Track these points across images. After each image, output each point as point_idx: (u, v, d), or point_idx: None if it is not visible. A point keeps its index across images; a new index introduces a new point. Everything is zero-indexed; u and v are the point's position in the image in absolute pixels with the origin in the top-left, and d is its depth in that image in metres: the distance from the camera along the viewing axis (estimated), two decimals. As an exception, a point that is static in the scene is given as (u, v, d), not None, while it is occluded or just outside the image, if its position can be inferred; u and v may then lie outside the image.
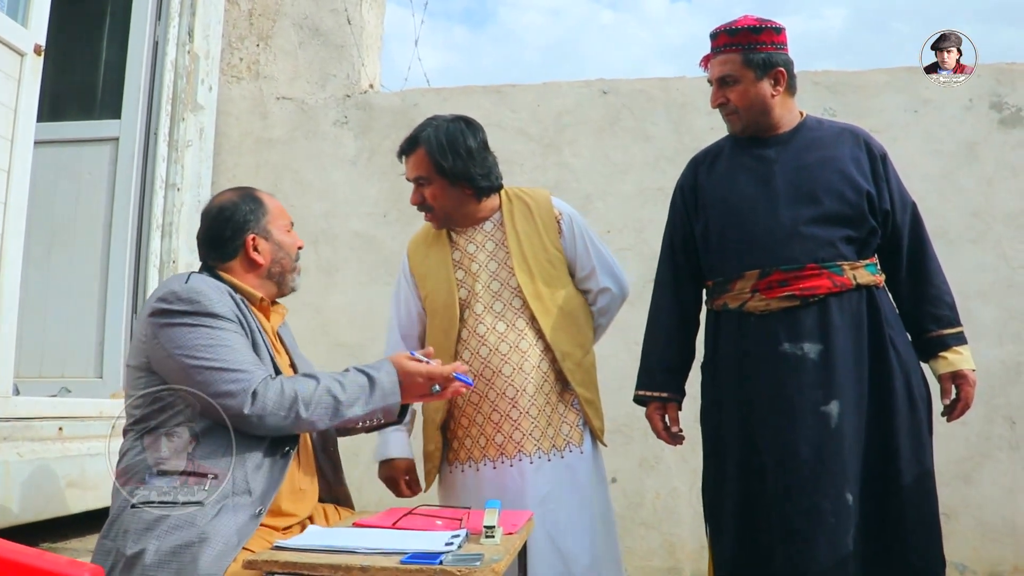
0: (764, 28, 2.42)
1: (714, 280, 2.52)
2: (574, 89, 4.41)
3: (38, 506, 3.02)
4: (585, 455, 2.59)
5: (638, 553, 3.92)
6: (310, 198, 4.52)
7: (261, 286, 2.21)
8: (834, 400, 2.28)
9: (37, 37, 3.24)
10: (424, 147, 2.61)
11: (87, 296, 3.91)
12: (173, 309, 1.97)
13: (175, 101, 4.22)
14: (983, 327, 3.89)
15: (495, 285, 2.58)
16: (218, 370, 1.91)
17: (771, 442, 2.32)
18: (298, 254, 2.28)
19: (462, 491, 2.55)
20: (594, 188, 4.26)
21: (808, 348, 2.31)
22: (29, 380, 3.64)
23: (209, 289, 2.02)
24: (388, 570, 1.63)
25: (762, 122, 2.46)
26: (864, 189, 2.38)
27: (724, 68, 2.44)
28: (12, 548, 1.59)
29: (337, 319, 4.38)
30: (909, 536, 2.28)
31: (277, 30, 4.71)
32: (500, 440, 2.51)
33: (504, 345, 2.53)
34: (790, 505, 2.26)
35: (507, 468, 2.50)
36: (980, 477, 3.85)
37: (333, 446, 2.32)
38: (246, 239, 2.18)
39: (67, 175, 4.12)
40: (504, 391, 2.51)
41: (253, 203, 2.22)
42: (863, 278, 2.36)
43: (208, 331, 1.95)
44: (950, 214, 3.99)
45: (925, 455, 2.35)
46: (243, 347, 1.98)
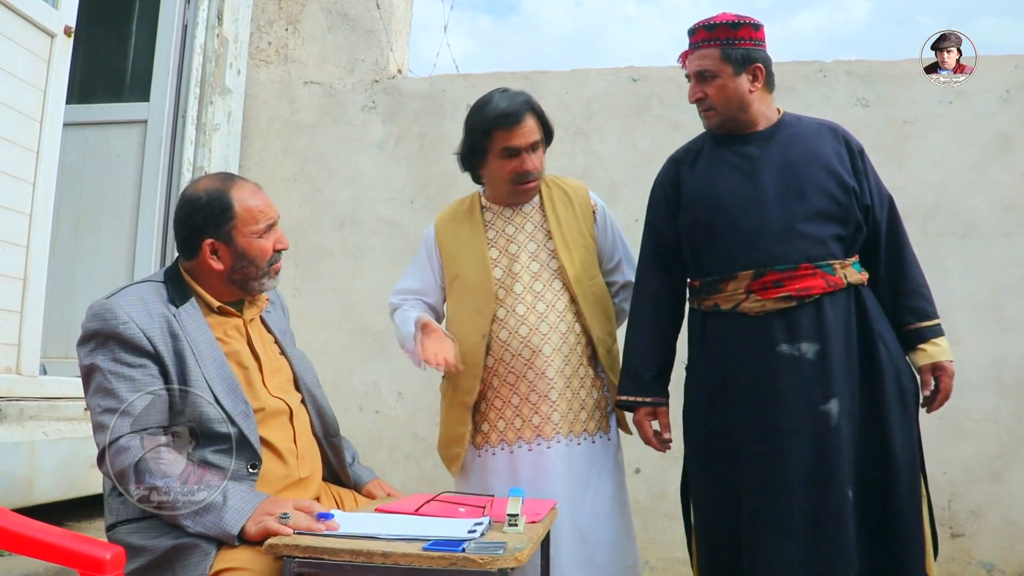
0: (743, 24, 2.40)
1: (701, 280, 2.47)
2: (603, 77, 4.36)
3: (64, 485, 3.05)
4: (611, 442, 2.61)
5: (661, 544, 3.89)
6: (337, 183, 4.52)
7: (224, 289, 2.11)
8: (833, 398, 2.27)
9: (67, 18, 3.26)
10: (536, 112, 2.57)
11: (114, 278, 3.93)
12: (84, 327, 1.95)
13: (203, 84, 4.23)
14: (1014, 322, 3.83)
15: (535, 266, 2.57)
16: (95, 423, 1.90)
17: (768, 441, 2.29)
18: (274, 257, 2.13)
19: (493, 475, 2.52)
20: (621, 177, 4.22)
21: (805, 348, 2.29)
22: (56, 360, 3.68)
23: (128, 306, 1.95)
24: (410, 556, 1.62)
25: (740, 118, 2.44)
26: (850, 186, 2.37)
27: (702, 63, 2.42)
28: (37, 527, 1.59)
29: (362, 304, 4.38)
30: (905, 533, 2.28)
31: (306, 14, 4.70)
32: (537, 421, 2.48)
33: (544, 325, 2.51)
34: (791, 502, 2.23)
35: (544, 450, 2.48)
36: (1009, 475, 3.79)
37: (335, 433, 2.30)
38: (203, 244, 2.06)
39: (95, 157, 4.14)
40: (544, 371, 2.49)
41: (220, 205, 2.05)
42: (852, 277, 2.36)
43: (99, 370, 1.91)
44: (982, 207, 3.93)
45: (915, 450, 2.36)
46: (123, 390, 1.89)
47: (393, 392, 4.30)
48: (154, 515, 1.86)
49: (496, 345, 2.52)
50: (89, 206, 4.12)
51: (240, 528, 1.79)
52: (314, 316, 4.30)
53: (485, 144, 2.55)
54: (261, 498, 1.86)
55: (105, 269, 4.05)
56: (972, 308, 3.85)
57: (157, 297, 2.02)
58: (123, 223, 4.10)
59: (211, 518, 1.81)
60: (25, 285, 3.12)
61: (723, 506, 2.37)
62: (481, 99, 2.60)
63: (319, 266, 4.44)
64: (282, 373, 2.20)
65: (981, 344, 3.81)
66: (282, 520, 1.78)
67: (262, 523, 1.79)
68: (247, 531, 1.79)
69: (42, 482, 2.94)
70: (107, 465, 1.86)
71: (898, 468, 2.28)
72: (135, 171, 4.12)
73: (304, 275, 4.39)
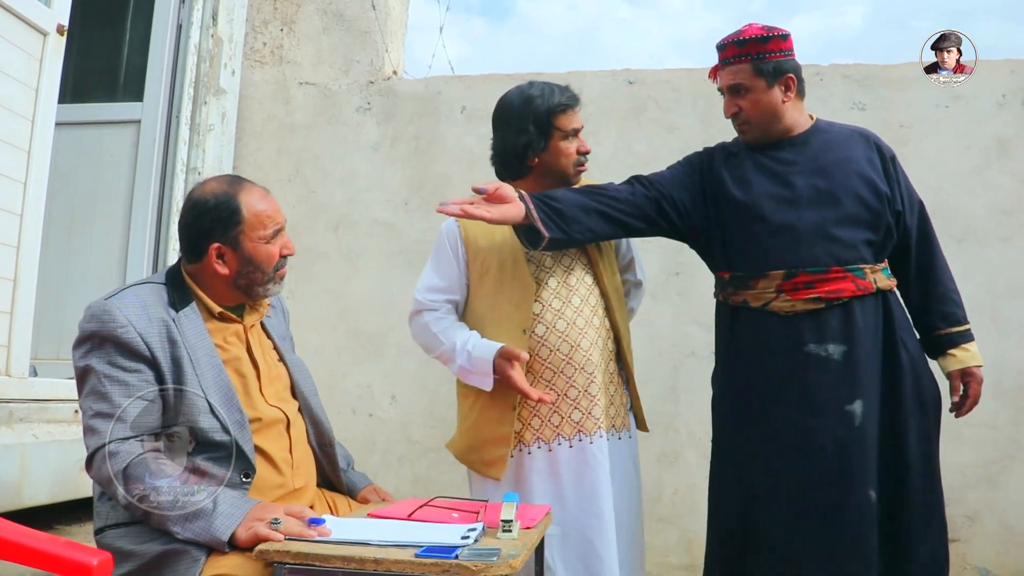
0: (771, 37, 2.42)
1: (732, 273, 2.48)
2: (599, 79, 4.35)
3: (53, 489, 3.03)
4: (632, 439, 2.61)
5: (656, 549, 3.87)
6: (331, 184, 4.50)
7: (227, 293, 2.08)
8: (858, 399, 2.29)
9: (60, 17, 3.24)
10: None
11: (106, 279, 3.91)
12: (81, 328, 1.92)
13: (198, 84, 4.21)
14: (1013, 327, 3.82)
15: (567, 260, 2.54)
16: (87, 426, 1.87)
17: (791, 439, 2.31)
18: (281, 263, 2.09)
19: (533, 475, 2.46)
20: (618, 179, 4.18)
21: (832, 349, 2.32)
22: (47, 362, 3.65)
23: (127, 309, 1.92)
24: (402, 563, 1.60)
25: (774, 129, 2.46)
26: (883, 191, 2.40)
27: (735, 78, 2.43)
28: (22, 531, 1.57)
29: (356, 306, 4.36)
30: (919, 536, 2.31)
31: (301, 15, 4.68)
32: (578, 417, 2.45)
33: (580, 319, 2.49)
34: (813, 501, 2.26)
35: (587, 445, 2.44)
36: (1006, 480, 3.78)
37: (329, 443, 2.26)
38: (210, 248, 2.02)
39: (88, 157, 4.12)
40: (583, 365, 2.46)
41: (228, 209, 2.01)
42: (881, 282, 2.38)
43: (93, 373, 1.88)
44: (980, 211, 3.92)
45: (933, 455, 2.39)
46: (117, 395, 1.86)
47: (387, 395, 4.28)
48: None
49: (532, 341, 2.48)
50: (82, 206, 4.10)
51: (230, 534, 1.77)
52: (308, 318, 4.28)
53: (551, 130, 2.52)
54: (251, 504, 1.84)
55: (97, 270, 4.03)
56: (969, 312, 3.75)
57: (157, 300, 1.99)
58: (116, 224, 4.08)
59: (201, 524, 1.78)
60: (15, 285, 3.09)
61: (741, 501, 2.39)
62: (522, 94, 2.55)
63: (313, 268, 4.42)
64: (280, 381, 2.17)
65: (979, 348, 3.79)
66: (273, 526, 1.75)
67: (253, 529, 1.76)
68: (238, 537, 1.76)
69: (31, 485, 2.91)
70: (95, 469, 1.84)
71: (912, 473, 2.31)
72: (128, 171, 4.11)
73: (298, 276, 4.36)
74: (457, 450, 2.58)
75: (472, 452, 2.54)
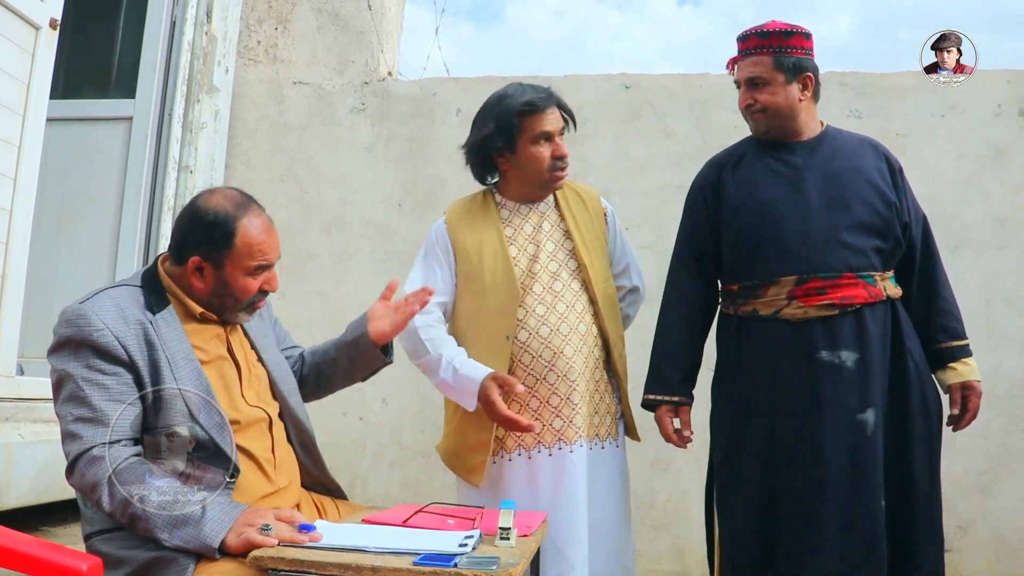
0: (795, 32, 2.42)
1: (740, 284, 2.47)
2: (595, 83, 4.33)
3: (39, 489, 2.99)
4: (620, 448, 2.58)
5: (648, 556, 3.85)
6: (324, 185, 4.47)
7: (203, 302, 2.03)
8: (870, 408, 2.29)
9: (53, 11, 3.20)
10: (558, 102, 2.53)
11: (95, 276, 3.87)
12: (56, 333, 1.88)
13: (191, 82, 4.18)
14: (1007, 335, 3.82)
15: (553, 265, 2.51)
16: (66, 432, 1.83)
17: (803, 448, 2.30)
18: (257, 297, 2.04)
19: (511, 482, 2.44)
20: (613, 184, 4.19)
21: (845, 356, 2.31)
22: (34, 360, 3.61)
23: (103, 313, 1.88)
24: (400, 571, 1.57)
25: (787, 126, 2.45)
26: (892, 200, 2.40)
27: (755, 70, 2.42)
28: (9, 535, 1.53)
29: (348, 307, 4.31)
30: (924, 546, 2.31)
31: (296, 14, 4.65)
32: (559, 425, 2.42)
33: (564, 326, 2.45)
34: (825, 510, 2.25)
35: (566, 454, 2.41)
36: (998, 489, 3.78)
37: (310, 442, 2.23)
38: (191, 259, 1.97)
39: (79, 153, 4.09)
40: (566, 373, 2.43)
41: (223, 231, 1.96)
42: (890, 290, 2.38)
43: (71, 378, 1.84)
44: (975, 220, 3.93)
45: (936, 466, 2.39)
46: (96, 399, 1.82)
47: (377, 398, 4.25)
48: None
49: (514, 347, 2.45)
50: (72, 203, 4.06)
51: (220, 541, 1.73)
52: (299, 319, 4.23)
53: (515, 132, 2.46)
54: (240, 509, 1.80)
55: (87, 267, 3.99)
56: (964, 320, 3.83)
57: (134, 303, 1.95)
58: (106, 221, 4.05)
59: (189, 531, 1.74)
60: (3, 282, 3.06)
61: (753, 512, 2.36)
62: (499, 93, 2.53)
63: (305, 269, 4.38)
64: (260, 381, 2.15)
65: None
66: (264, 531, 1.72)
67: (244, 535, 1.72)
68: (228, 543, 1.73)
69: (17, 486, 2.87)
70: (78, 476, 1.80)
71: (916, 482, 2.32)
72: (119, 168, 4.07)
73: (290, 278, 4.31)
74: (442, 454, 2.58)
75: (455, 457, 2.53)
